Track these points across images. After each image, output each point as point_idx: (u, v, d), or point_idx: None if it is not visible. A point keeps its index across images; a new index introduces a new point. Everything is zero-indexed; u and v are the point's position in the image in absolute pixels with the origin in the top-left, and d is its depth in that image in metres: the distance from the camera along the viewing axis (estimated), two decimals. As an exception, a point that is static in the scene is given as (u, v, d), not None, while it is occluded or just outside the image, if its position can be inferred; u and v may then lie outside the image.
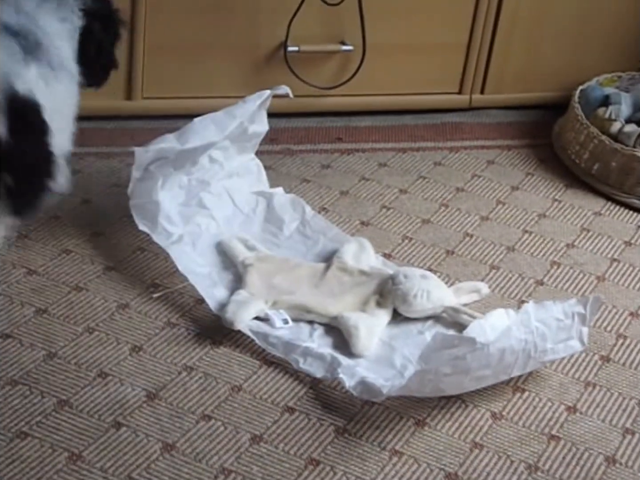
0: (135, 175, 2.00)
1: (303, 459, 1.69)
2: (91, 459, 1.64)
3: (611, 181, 2.49)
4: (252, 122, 2.15)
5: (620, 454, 1.77)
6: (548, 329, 1.80)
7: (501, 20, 2.63)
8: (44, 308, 1.93)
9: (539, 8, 2.65)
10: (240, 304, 1.92)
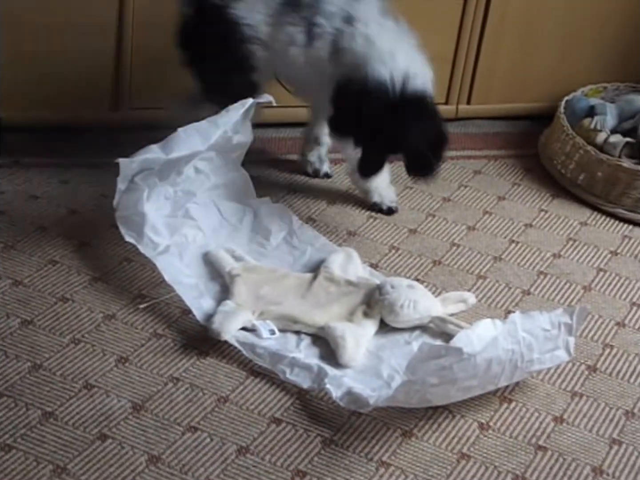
0: (121, 186, 2.00)
1: (290, 470, 1.69)
2: (76, 472, 1.63)
3: (597, 191, 2.50)
4: (237, 131, 2.15)
5: (607, 465, 1.77)
6: (535, 339, 1.80)
7: (487, 32, 2.64)
8: (30, 319, 1.92)
9: (524, 19, 2.67)
10: (227, 315, 1.91)
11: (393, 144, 2.07)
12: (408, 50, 2.10)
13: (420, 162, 2.14)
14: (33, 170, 2.35)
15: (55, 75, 2.40)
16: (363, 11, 2.10)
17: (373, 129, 2.05)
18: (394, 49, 2.07)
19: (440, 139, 2.13)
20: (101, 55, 2.41)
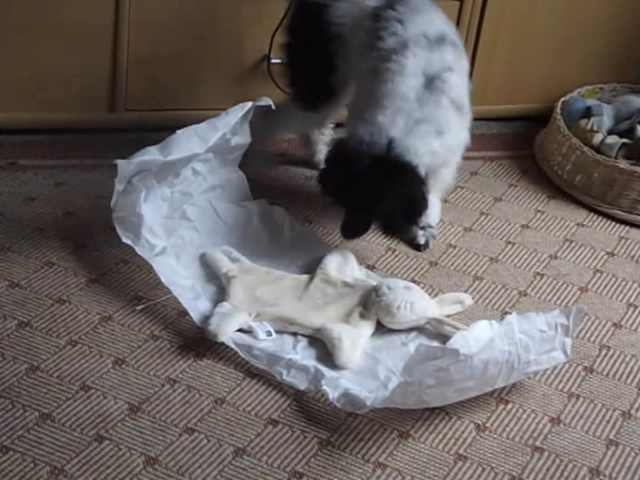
0: (118, 187, 1.99)
1: (286, 471, 1.69)
2: (73, 473, 1.63)
3: (594, 192, 2.50)
4: (235, 134, 2.15)
5: (604, 465, 1.78)
6: (531, 340, 1.80)
7: (483, 33, 2.64)
8: (27, 321, 1.92)
9: (521, 20, 2.67)
10: (223, 316, 1.91)
11: (365, 207, 2.06)
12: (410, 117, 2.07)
13: (390, 225, 2.14)
14: (29, 172, 2.35)
15: (52, 76, 2.40)
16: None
17: (350, 190, 2.05)
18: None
19: (416, 204, 2.09)
20: (97, 56, 2.41)
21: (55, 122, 2.45)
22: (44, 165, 2.38)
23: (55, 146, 2.44)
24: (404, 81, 2.06)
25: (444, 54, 2.10)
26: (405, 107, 2.04)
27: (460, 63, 2.14)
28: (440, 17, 2.17)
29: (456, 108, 2.10)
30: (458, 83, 2.10)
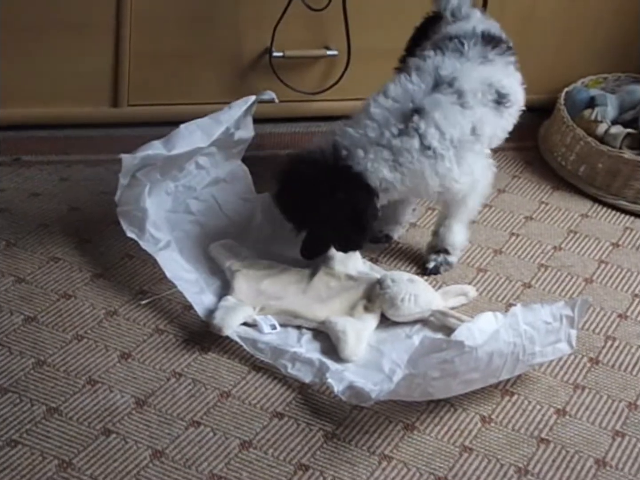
0: (123, 182, 2.00)
1: (292, 464, 1.69)
2: (81, 467, 1.63)
3: (598, 183, 2.50)
4: (238, 127, 2.16)
5: (611, 457, 1.78)
6: (536, 332, 1.80)
7: (486, 24, 2.63)
8: (33, 316, 1.93)
9: (523, 11, 2.66)
10: (228, 310, 1.92)
11: (306, 219, 2.00)
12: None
13: (341, 240, 2.04)
14: (33, 168, 2.36)
15: (55, 72, 2.40)
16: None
17: (293, 202, 2.00)
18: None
19: (361, 212, 1.99)
20: (100, 51, 2.41)
21: (59, 117, 2.45)
22: (48, 160, 2.38)
23: (59, 142, 2.44)
24: (381, 102, 2.01)
25: (433, 95, 2.01)
26: (368, 125, 1.99)
27: (450, 111, 2.01)
28: (473, 66, 2.07)
29: (427, 154, 1.99)
30: (433, 134, 1.99)
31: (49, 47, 2.37)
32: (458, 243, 2.18)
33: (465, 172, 2.05)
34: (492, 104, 2.07)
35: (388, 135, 1.98)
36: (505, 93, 2.09)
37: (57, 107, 2.44)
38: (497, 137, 2.15)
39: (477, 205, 2.17)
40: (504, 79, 2.11)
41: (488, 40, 2.12)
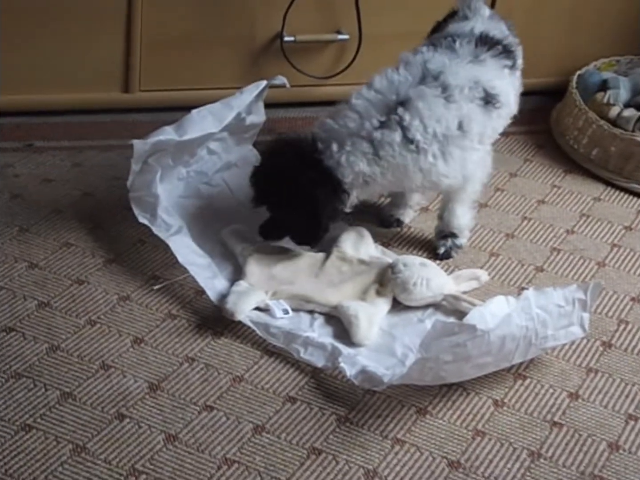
0: (135, 167, 2.00)
1: (305, 448, 1.70)
2: (95, 451, 1.64)
3: (610, 166, 2.49)
4: (250, 112, 2.16)
5: (624, 440, 1.78)
6: (549, 316, 1.80)
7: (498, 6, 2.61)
8: (46, 301, 1.93)
9: (535, -7, 2.65)
10: (240, 295, 1.92)
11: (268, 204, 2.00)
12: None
13: (295, 231, 2.02)
14: (46, 154, 2.36)
15: (67, 58, 2.40)
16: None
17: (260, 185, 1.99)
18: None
19: (320, 211, 1.96)
20: (111, 37, 2.42)
21: (71, 103, 2.46)
22: (60, 146, 2.39)
23: (71, 127, 2.44)
24: (364, 94, 2.00)
25: (417, 87, 1.99)
26: (348, 115, 1.97)
27: (433, 105, 1.99)
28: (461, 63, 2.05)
29: (409, 148, 1.98)
30: (417, 127, 1.97)
31: (61, 33, 2.37)
32: (464, 225, 2.18)
33: (454, 168, 2.03)
34: (479, 101, 2.05)
35: (368, 126, 1.97)
36: (494, 93, 2.07)
37: (69, 92, 2.44)
38: (487, 135, 2.11)
39: (477, 189, 2.16)
40: (495, 80, 2.08)
41: (484, 42, 2.10)
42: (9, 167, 2.30)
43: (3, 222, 2.12)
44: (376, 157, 1.97)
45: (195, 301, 1.98)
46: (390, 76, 2.02)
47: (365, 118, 1.97)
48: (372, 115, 1.97)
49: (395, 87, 2.00)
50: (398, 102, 1.98)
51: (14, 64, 2.37)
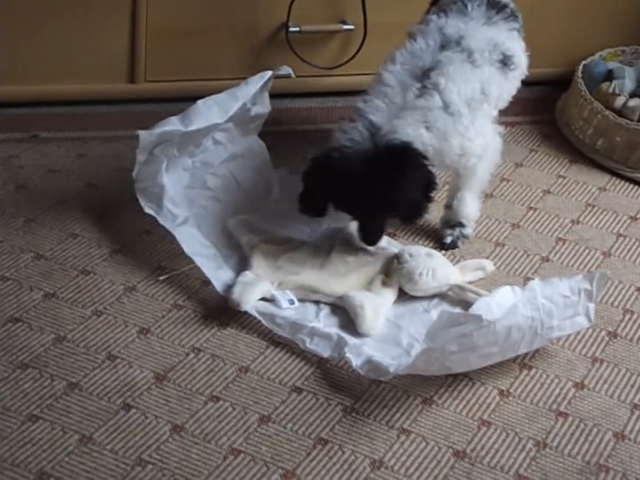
0: (140, 158, 2.00)
1: (311, 438, 1.70)
2: (102, 441, 1.65)
3: (616, 156, 2.49)
4: (255, 103, 2.15)
5: (629, 430, 1.78)
6: (554, 306, 1.80)
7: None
8: (52, 292, 1.94)
9: (540, -17, 2.64)
10: (246, 285, 1.92)
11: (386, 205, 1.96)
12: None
13: (414, 212, 2.02)
14: (51, 144, 2.36)
15: (72, 49, 2.40)
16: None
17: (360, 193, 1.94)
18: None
19: (428, 184, 1.98)
20: (117, 27, 2.41)
21: (76, 94, 2.46)
22: (65, 137, 2.39)
23: (77, 118, 2.44)
24: (390, 69, 2.00)
25: (444, 52, 2.00)
26: (389, 92, 1.97)
27: (461, 68, 2.00)
28: (477, 26, 2.06)
29: (448, 111, 1.98)
30: (452, 89, 1.98)
31: (66, 23, 2.37)
32: (472, 214, 2.18)
33: (479, 133, 2.05)
34: (498, 64, 2.08)
35: (411, 96, 1.97)
36: (509, 55, 2.10)
37: (74, 83, 2.44)
38: (503, 99, 2.15)
39: (487, 175, 2.16)
40: (508, 42, 2.11)
41: (493, 5, 2.12)
42: (14, 158, 2.30)
43: (9, 213, 2.12)
44: (428, 125, 1.97)
45: (201, 292, 1.98)
46: (411, 48, 2.03)
47: (405, 89, 1.97)
48: (408, 85, 1.98)
49: (420, 56, 2.01)
50: (428, 68, 1.99)
51: (19, 55, 2.37)
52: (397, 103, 1.96)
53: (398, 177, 1.92)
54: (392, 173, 1.92)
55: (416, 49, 2.03)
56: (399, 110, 1.96)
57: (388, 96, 1.97)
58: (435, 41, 2.03)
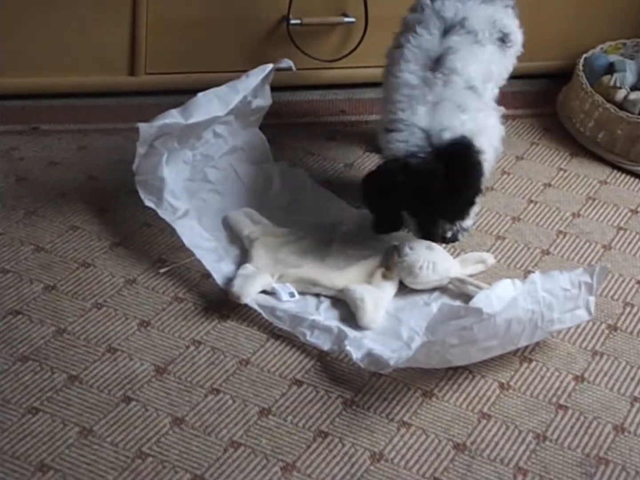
0: (140, 151, 2.00)
1: (311, 431, 1.70)
2: (102, 434, 1.65)
3: (617, 149, 2.49)
4: (256, 96, 2.15)
5: (629, 422, 1.78)
6: (555, 299, 1.80)
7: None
8: (53, 284, 1.94)
9: (542, -24, 2.64)
10: (246, 278, 1.92)
11: (451, 207, 1.99)
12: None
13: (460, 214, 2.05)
14: (52, 137, 2.36)
15: (72, 41, 2.40)
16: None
17: (425, 201, 1.94)
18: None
19: (477, 186, 2.01)
20: (117, 19, 2.41)
21: (77, 86, 2.45)
22: (66, 129, 2.39)
23: (77, 110, 2.44)
24: (408, 69, 2.00)
25: (451, 37, 2.01)
26: (417, 93, 1.97)
27: (471, 50, 2.02)
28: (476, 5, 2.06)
29: (471, 89, 2.01)
30: (465, 66, 2.00)
31: (66, 15, 2.37)
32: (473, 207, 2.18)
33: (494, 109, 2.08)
34: (498, 42, 2.08)
35: (439, 88, 1.98)
36: (507, 32, 2.11)
37: (74, 75, 2.44)
38: (502, 77, 2.15)
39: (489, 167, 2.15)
40: (505, 19, 2.12)
41: None
42: (15, 150, 2.30)
43: (9, 206, 2.12)
44: (463, 108, 1.98)
45: (202, 284, 1.98)
46: (416, 41, 2.02)
47: (430, 84, 1.98)
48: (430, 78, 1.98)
49: (428, 48, 2.01)
50: (440, 56, 2.00)
51: (19, 47, 2.36)
52: (430, 100, 1.97)
53: (471, 174, 1.96)
54: (465, 171, 1.94)
55: (422, 41, 2.03)
56: (435, 106, 1.97)
57: (420, 97, 1.98)
58: (438, 28, 2.03)
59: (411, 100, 1.98)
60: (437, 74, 1.99)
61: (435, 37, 2.02)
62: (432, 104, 1.97)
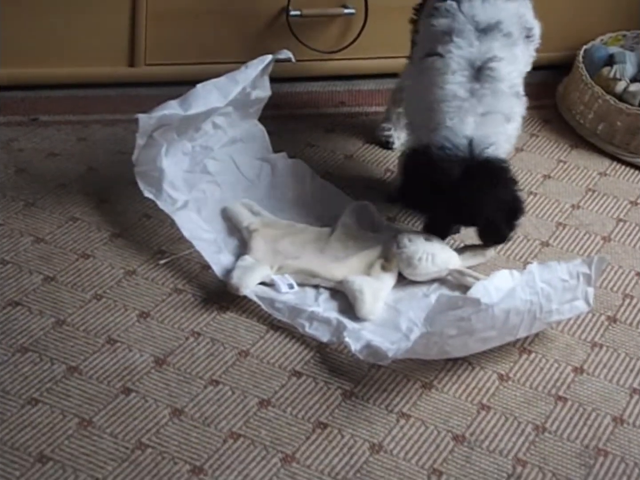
0: (139, 142, 2.00)
1: (311, 422, 1.70)
2: (101, 425, 1.65)
3: (616, 141, 2.49)
4: (255, 87, 2.15)
5: (628, 414, 1.78)
6: (553, 290, 1.80)
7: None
8: (52, 275, 1.94)
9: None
10: (245, 270, 1.92)
11: (464, 214, 1.98)
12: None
13: (492, 232, 2.03)
14: (51, 128, 2.36)
15: (72, 32, 2.39)
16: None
17: (443, 198, 1.94)
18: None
19: (515, 208, 2.01)
20: (117, 10, 2.41)
21: (76, 77, 2.45)
22: (65, 120, 2.39)
23: (76, 101, 2.44)
24: (454, 80, 1.98)
25: (491, 43, 1.99)
26: (465, 105, 1.96)
27: (512, 53, 2.02)
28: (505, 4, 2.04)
29: (515, 95, 2.02)
30: (510, 72, 2.00)
31: (66, 6, 2.36)
32: None
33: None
34: (525, 39, 2.08)
35: (488, 99, 1.97)
36: (530, 27, 2.10)
37: (74, 66, 2.43)
38: (524, 72, 2.13)
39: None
40: (527, 13, 2.11)
41: None
42: (14, 141, 2.30)
43: (8, 197, 2.12)
44: (509, 117, 2.01)
45: (201, 276, 1.98)
46: (459, 51, 1.99)
47: (478, 95, 1.97)
48: (477, 88, 1.98)
49: (469, 57, 1.99)
50: (483, 64, 1.98)
51: (18, 37, 2.36)
52: (479, 112, 1.97)
53: (483, 192, 1.95)
54: (480, 187, 1.94)
55: (464, 50, 1.99)
56: (484, 117, 1.97)
57: (470, 109, 1.96)
58: (475, 34, 2.00)
59: (460, 112, 1.97)
60: (484, 84, 1.98)
61: (476, 45, 2.00)
62: (480, 115, 1.97)
